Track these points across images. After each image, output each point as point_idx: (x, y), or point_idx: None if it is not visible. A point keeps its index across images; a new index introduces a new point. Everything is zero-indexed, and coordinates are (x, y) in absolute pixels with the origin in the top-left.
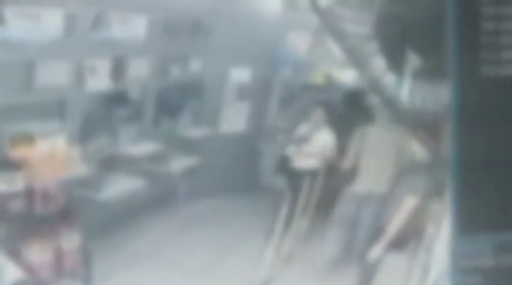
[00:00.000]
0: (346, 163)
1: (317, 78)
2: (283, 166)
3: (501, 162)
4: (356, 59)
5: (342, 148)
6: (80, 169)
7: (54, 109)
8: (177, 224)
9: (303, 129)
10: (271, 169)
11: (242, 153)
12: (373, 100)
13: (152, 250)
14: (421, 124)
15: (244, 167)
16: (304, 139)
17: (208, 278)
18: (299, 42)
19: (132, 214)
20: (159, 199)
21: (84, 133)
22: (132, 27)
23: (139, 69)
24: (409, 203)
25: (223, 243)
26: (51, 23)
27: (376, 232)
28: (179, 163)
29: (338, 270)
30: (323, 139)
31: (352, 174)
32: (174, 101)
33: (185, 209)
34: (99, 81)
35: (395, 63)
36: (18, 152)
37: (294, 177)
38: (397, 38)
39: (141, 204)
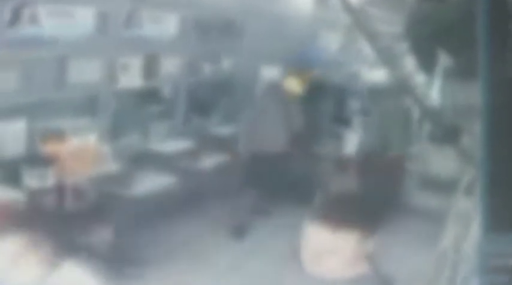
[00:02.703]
0: None
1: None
2: None
3: None
4: (387, 59)
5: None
6: (111, 165)
7: (86, 106)
8: (206, 222)
9: None
10: None
11: None
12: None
13: (182, 248)
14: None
15: None
16: None
17: (238, 276)
18: (330, 41)
19: (162, 211)
20: (190, 196)
21: (116, 130)
22: (164, 25)
23: (171, 67)
24: None
25: (252, 241)
26: (83, 20)
27: None
28: (210, 161)
29: None
30: None
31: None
32: (206, 99)
33: (215, 206)
34: (131, 78)
35: (426, 62)
36: (49, 149)
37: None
38: (428, 38)
39: (172, 201)
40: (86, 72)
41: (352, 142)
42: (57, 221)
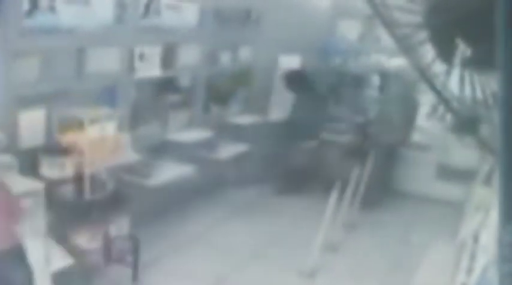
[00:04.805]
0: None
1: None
2: None
3: None
4: (406, 47)
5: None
6: (129, 155)
7: (105, 95)
8: (225, 211)
9: None
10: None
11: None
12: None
13: (200, 237)
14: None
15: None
16: None
17: (256, 265)
18: (349, 30)
19: (181, 201)
20: (208, 186)
21: (134, 120)
22: (182, 15)
23: (189, 57)
24: None
25: (271, 230)
26: (101, 9)
27: None
28: (228, 150)
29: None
30: None
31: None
32: (224, 88)
33: (233, 195)
34: (150, 67)
35: (445, 52)
36: (68, 138)
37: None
38: (448, 27)
39: (190, 190)
40: (104, 62)
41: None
42: (75, 211)
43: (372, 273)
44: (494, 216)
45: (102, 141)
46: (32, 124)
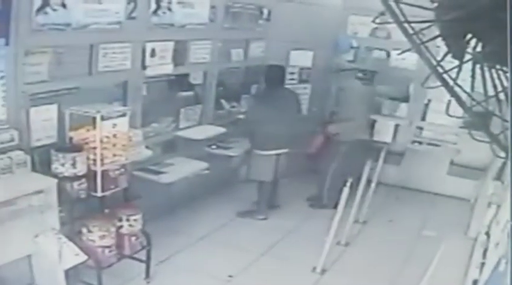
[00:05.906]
0: None
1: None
2: None
3: None
4: (417, 44)
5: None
6: (141, 152)
7: (116, 92)
8: (237, 208)
9: None
10: None
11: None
12: None
13: (212, 233)
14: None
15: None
16: None
17: (268, 262)
18: (360, 26)
19: (192, 197)
20: (220, 182)
21: (146, 116)
22: (194, 11)
23: (201, 53)
24: None
25: (283, 227)
26: (113, 6)
27: None
28: (240, 146)
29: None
30: None
31: None
32: (236, 85)
33: (245, 192)
34: (161, 64)
35: (456, 48)
36: (80, 135)
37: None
38: (459, 24)
39: (202, 187)
40: (115, 58)
41: None
42: (88, 207)
43: (384, 268)
44: (505, 212)
45: (115, 137)
46: (43, 121)
